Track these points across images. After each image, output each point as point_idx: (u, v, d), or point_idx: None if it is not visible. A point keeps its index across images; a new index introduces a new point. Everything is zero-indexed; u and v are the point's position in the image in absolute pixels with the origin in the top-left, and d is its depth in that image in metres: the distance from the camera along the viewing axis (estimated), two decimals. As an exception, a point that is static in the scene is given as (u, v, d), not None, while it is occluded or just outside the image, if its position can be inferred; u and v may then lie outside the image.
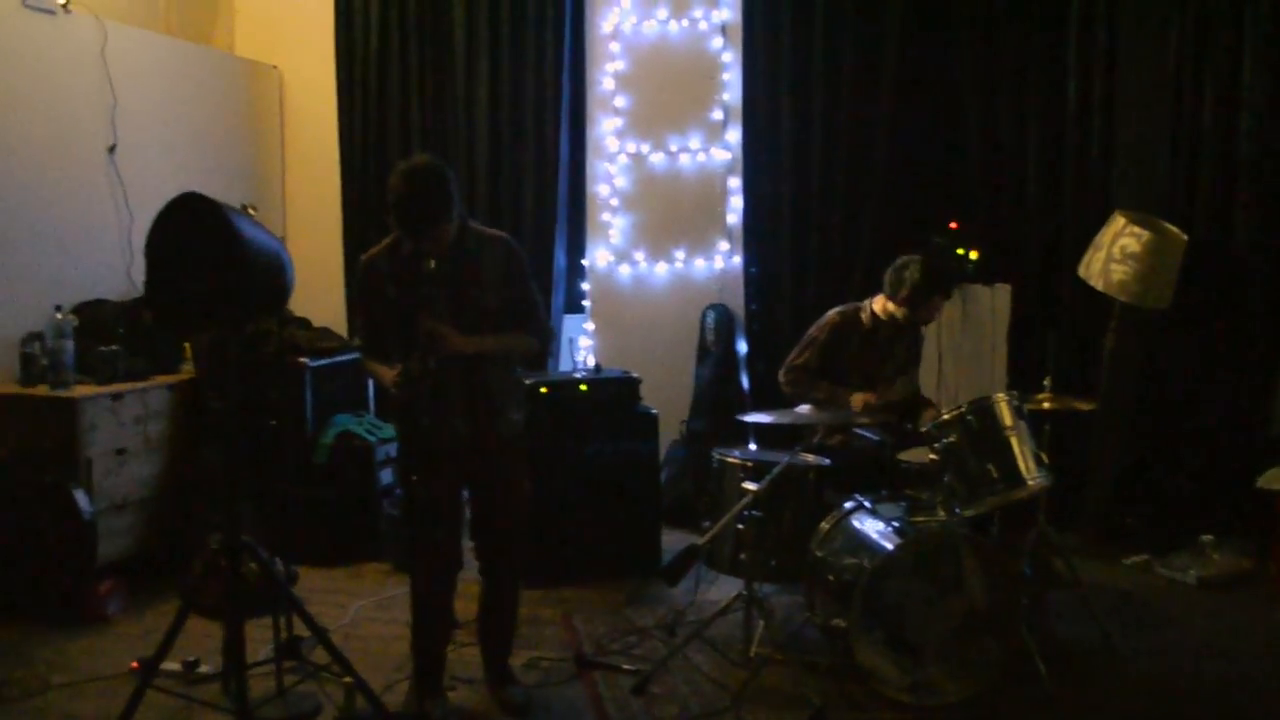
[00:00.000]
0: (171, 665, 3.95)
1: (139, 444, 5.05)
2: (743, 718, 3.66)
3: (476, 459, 3.65)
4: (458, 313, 3.52)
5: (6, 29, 5.00)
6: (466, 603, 3.98)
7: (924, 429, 4.12)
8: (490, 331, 3.60)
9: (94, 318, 5.22)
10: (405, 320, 3.46)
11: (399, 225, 3.43)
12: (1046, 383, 4.31)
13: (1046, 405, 4.25)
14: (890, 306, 4.78)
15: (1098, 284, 5.07)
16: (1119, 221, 5.04)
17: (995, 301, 5.80)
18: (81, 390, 4.81)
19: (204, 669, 4.05)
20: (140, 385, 5.09)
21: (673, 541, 5.36)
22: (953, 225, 5.71)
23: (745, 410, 4.67)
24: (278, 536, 4.98)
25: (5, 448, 4.68)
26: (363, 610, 4.78)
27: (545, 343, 3.88)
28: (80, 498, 4.62)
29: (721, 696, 3.82)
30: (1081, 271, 5.15)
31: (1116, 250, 5.00)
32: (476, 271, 3.58)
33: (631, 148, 6.39)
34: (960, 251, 5.66)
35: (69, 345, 4.84)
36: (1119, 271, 4.98)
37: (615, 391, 5.23)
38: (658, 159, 6.38)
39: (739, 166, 6.24)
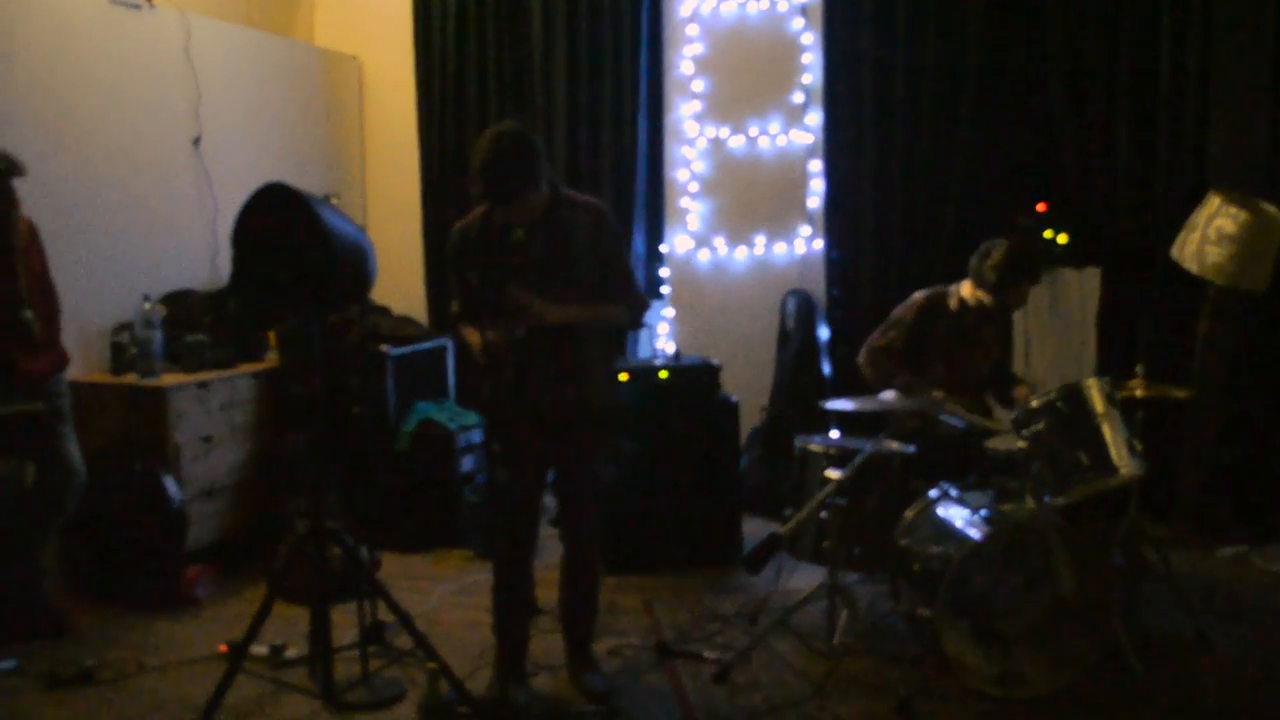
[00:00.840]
0: (259, 649, 4.02)
1: (225, 431, 5.16)
2: (826, 708, 3.64)
3: (566, 431, 3.63)
4: (547, 282, 3.48)
5: (94, 25, 5.12)
6: (548, 590, 4.00)
7: (1013, 416, 4.05)
8: (581, 301, 3.56)
9: (181, 307, 5.35)
10: (493, 290, 3.44)
11: (483, 192, 3.38)
12: (1139, 369, 4.22)
13: (1139, 392, 4.16)
14: (977, 292, 4.70)
15: (1192, 266, 4.93)
16: (1214, 202, 4.90)
17: (1085, 285, 5.69)
18: (170, 379, 4.93)
19: (290, 653, 4.12)
20: (226, 373, 5.20)
21: (753, 529, 5.35)
22: (1040, 207, 5.60)
23: (827, 397, 4.63)
24: (361, 523, 5.07)
25: (97, 436, 4.79)
26: (445, 596, 4.83)
27: (637, 312, 3.78)
28: (169, 485, 4.73)
29: (805, 686, 3.80)
30: (1175, 254, 5.02)
31: (1211, 231, 4.86)
32: (567, 240, 3.53)
33: (711, 132, 6.37)
34: (1048, 234, 5.55)
35: (157, 335, 4.95)
36: (1214, 253, 4.84)
37: (695, 379, 5.22)
38: (737, 143, 6.35)
39: (820, 150, 6.18)
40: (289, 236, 3.42)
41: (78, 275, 4.92)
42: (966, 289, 4.74)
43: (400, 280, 6.58)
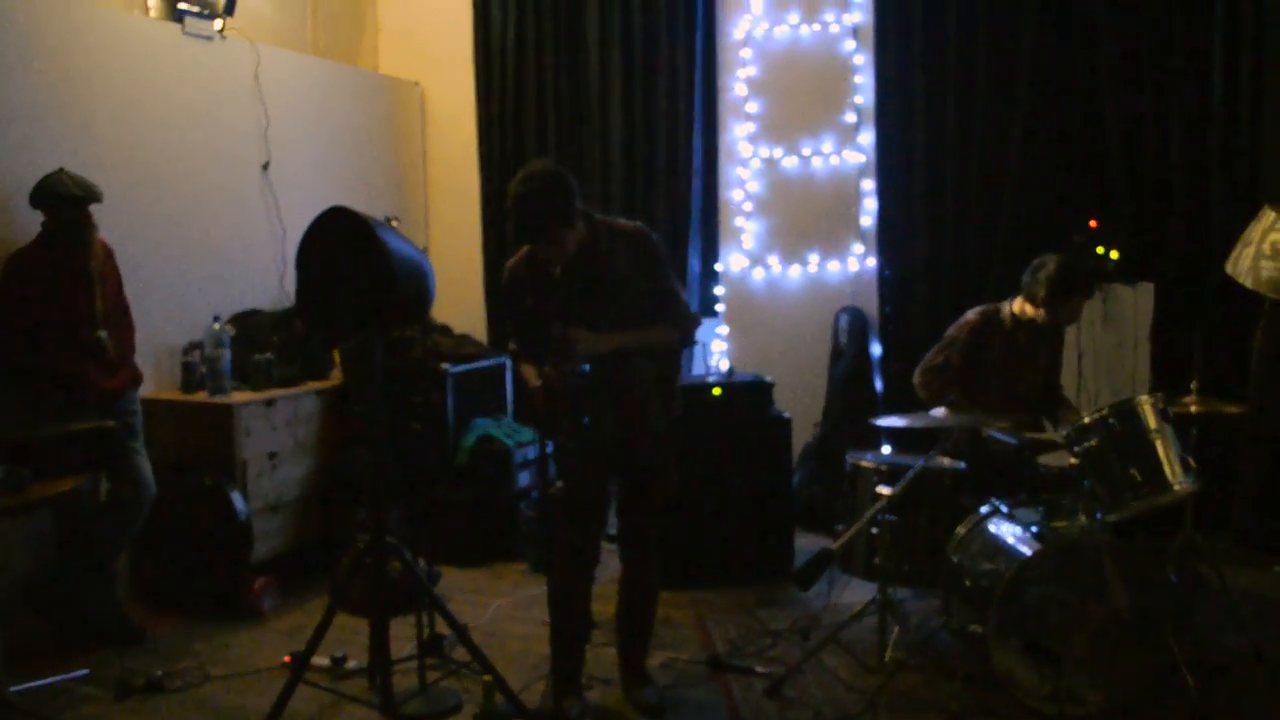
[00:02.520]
0: (321, 660, 4.07)
1: (290, 447, 5.24)
2: (878, 723, 3.61)
3: (627, 454, 3.65)
4: (593, 313, 3.50)
5: (168, 56, 5.24)
6: (604, 604, 4.01)
7: (1063, 433, 4.00)
8: (631, 326, 3.56)
9: (249, 327, 5.43)
10: (540, 327, 3.48)
11: (516, 233, 3.44)
12: (1193, 385, 4.15)
13: (1193, 408, 4.09)
14: (1029, 308, 4.65)
15: (1246, 281, 4.85)
16: (1269, 216, 4.81)
17: (1138, 301, 5.61)
18: (238, 397, 5.01)
19: (351, 664, 4.18)
20: (292, 391, 5.28)
21: (806, 545, 5.32)
22: (1093, 224, 5.53)
23: (879, 414, 4.61)
24: (421, 537, 5.12)
25: (167, 452, 4.89)
26: (502, 609, 4.86)
27: (686, 331, 3.77)
28: (236, 499, 4.80)
29: (856, 701, 3.77)
30: (1229, 268, 4.93)
31: (1266, 246, 4.77)
32: (608, 269, 3.54)
33: (764, 152, 6.37)
34: (1100, 250, 5.48)
35: (226, 354, 5.04)
36: (1269, 268, 4.75)
37: (748, 395, 5.21)
38: (790, 163, 6.35)
39: (872, 169, 6.17)
40: (351, 258, 3.47)
41: (151, 296, 5.03)
42: (1019, 305, 4.70)
43: (460, 300, 6.66)
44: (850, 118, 6.22)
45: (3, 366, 4.33)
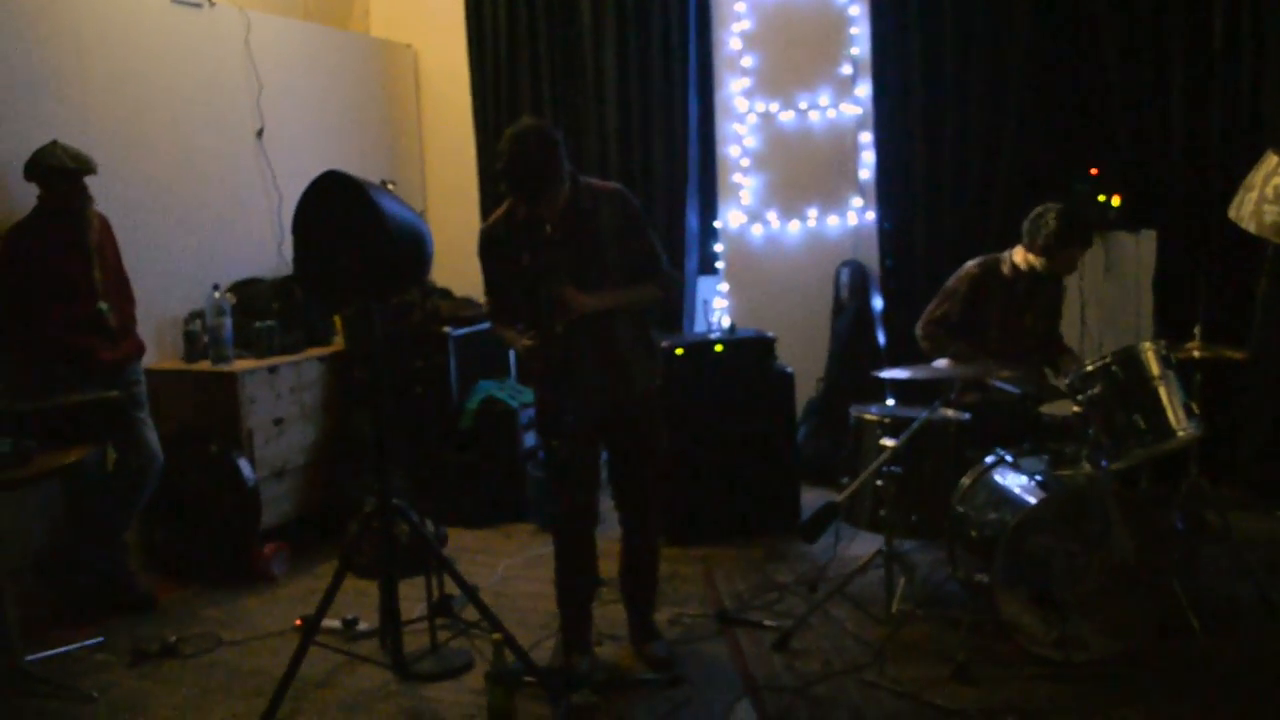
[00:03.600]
0: (332, 623, 4.10)
1: (295, 414, 5.24)
2: (885, 673, 3.62)
3: (613, 417, 3.66)
4: (580, 273, 3.49)
5: (158, 24, 5.19)
6: (610, 561, 4.03)
7: (1066, 381, 3.98)
8: (613, 285, 3.56)
9: (249, 295, 5.42)
10: (529, 288, 3.47)
11: (511, 191, 3.41)
12: (1196, 331, 4.14)
13: (1196, 354, 4.08)
14: (1029, 257, 4.63)
15: (1249, 226, 4.80)
16: (1272, 160, 4.76)
17: (1140, 249, 5.58)
18: (241, 364, 5.01)
19: (362, 626, 4.21)
20: (294, 358, 5.28)
21: (811, 499, 5.34)
22: (1093, 171, 5.50)
23: (882, 366, 4.60)
24: (428, 499, 5.13)
25: (173, 421, 4.90)
26: (510, 569, 4.88)
27: (670, 290, 3.77)
28: (244, 466, 4.82)
29: (863, 652, 3.79)
30: (1232, 214, 4.89)
31: (1270, 190, 4.72)
32: (595, 229, 3.54)
33: (761, 107, 6.32)
34: (1101, 198, 5.45)
35: (228, 322, 5.03)
36: (1272, 212, 4.70)
37: (751, 351, 5.20)
38: (787, 117, 6.29)
39: (870, 121, 6.11)
40: (348, 223, 3.45)
41: (149, 267, 5.01)
42: (1019, 255, 4.68)
43: (460, 262, 6.56)
44: (846, 70, 6.16)
45: (5, 341, 4.32)
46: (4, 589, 3.75)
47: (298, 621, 4.23)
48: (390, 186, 3.81)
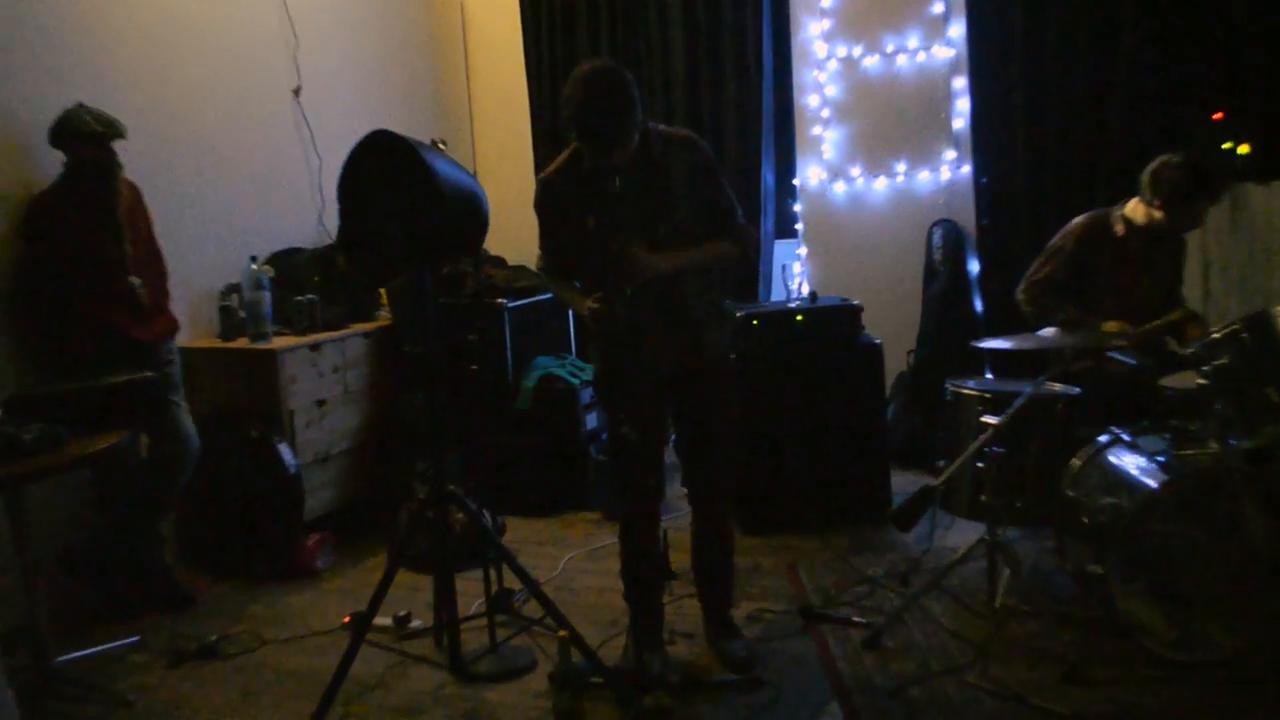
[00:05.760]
0: (383, 620, 4.15)
1: (339, 394, 5.32)
2: (988, 675, 3.59)
3: (682, 387, 3.66)
4: (650, 230, 3.48)
5: (187, -27, 5.25)
6: (682, 554, 4.04)
7: (1190, 349, 3.92)
8: (686, 244, 3.55)
9: (289, 267, 5.49)
10: (594, 247, 3.46)
11: (581, 139, 3.38)
12: (1336, 292, 4.05)
13: (1336, 318, 3.99)
14: (1151, 211, 4.54)
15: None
16: None
17: (1271, 202, 5.46)
18: (280, 342, 5.08)
19: (415, 624, 4.26)
20: (338, 334, 5.35)
21: (903, 483, 5.33)
22: (1217, 116, 5.39)
23: (979, 336, 4.56)
24: (484, 486, 5.17)
25: (209, 404, 4.98)
26: (574, 561, 4.92)
27: (748, 248, 3.76)
28: (285, 451, 4.89)
29: (964, 651, 3.78)
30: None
31: None
32: (666, 181, 3.51)
33: (842, 51, 6.27)
34: (1227, 145, 5.34)
35: (266, 297, 5.11)
36: None
37: (834, 321, 5.19)
38: (872, 62, 6.25)
39: (964, 65, 6.05)
40: (397, 187, 3.48)
41: (182, 238, 5.09)
42: (1135, 209, 4.60)
43: (514, 228, 6.60)
44: (938, 8, 6.10)
45: (31, 319, 4.42)
46: (34, 586, 3.83)
47: (346, 619, 4.29)
48: (441, 146, 3.82)
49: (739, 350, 4.95)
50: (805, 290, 5.42)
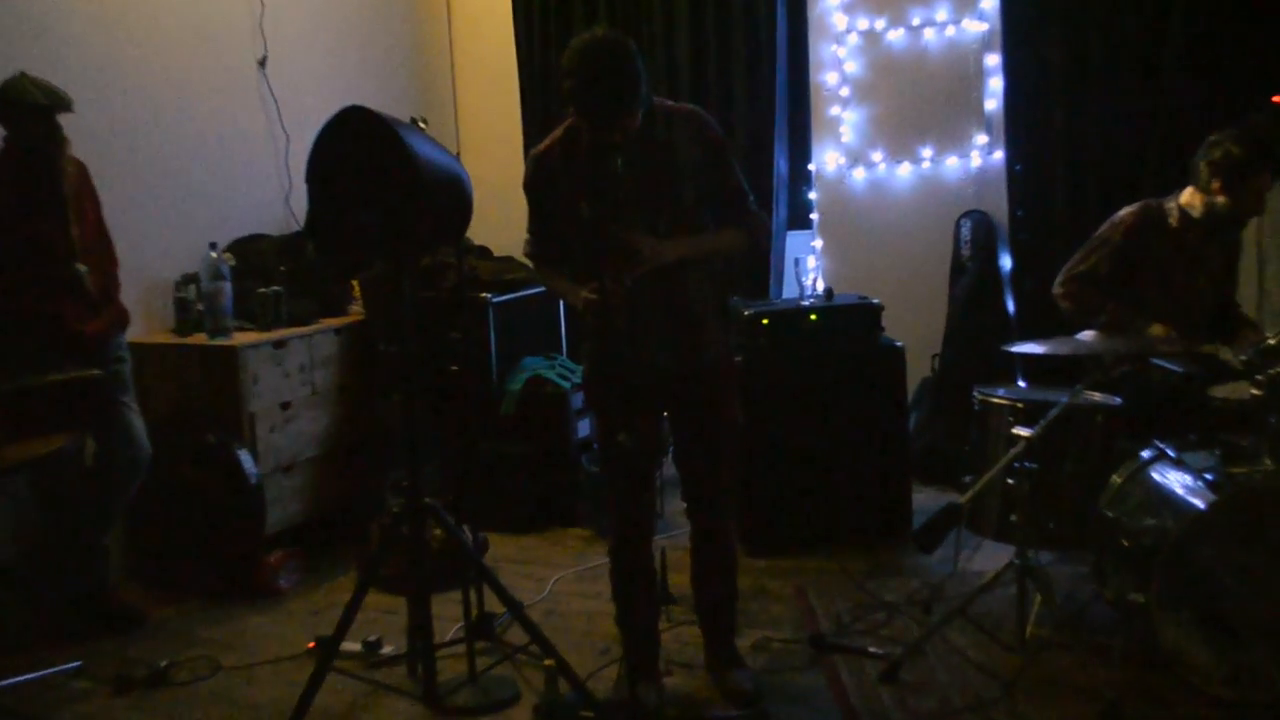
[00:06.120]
0: (351, 645, 4.15)
1: (306, 396, 5.31)
2: (1017, 713, 3.60)
3: (680, 391, 3.66)
4: (653, 214, 3.48)
5: (142, -69, 5.25)
6: (682, 577, 4.04)
7: (1243, 357, 3.92)
8: (691, 230, 3.55)
9: (251, 255, 5.49)
10: (591, 232, 3.42)
11: (581, 115, 3.36)
12: (1404, 295, 4.06)
13: (1405, 324, 4.00)
14: (1214, 197, 4.50)
15: None
16: None
17: (1333, 196, 5.48)
18: (241, 338, 5.07)
19: (387, 649, 4.24)
20: (305, 330, 5.35)
21: (925, 501, 5.34)
22: (1277, 98, 5.40)
23: (1011, 339, 4.56)
24: (464, 499, 5.16)
25: (162, 405, 4.97)
26: (562, 583, 4.92)
27: (758, 235, 3.77)
28: (245, 459, 4.88)
29: (990, 687, 3.77)
30: None
31: None
32: (671, 160, 3.51)
33: (864, 24, 6.29)
34: (1289, 127, 5.36)
35: (226, 288, 5.09)
36: None
37: (852, 321, 5.19)
38: (896, 36, 6.26)
39: (998, 40, 6.06)
40: (372, 168, 3.47)
41: (135, 222, 5.08)
42: (1190, 199, 4.59)
43: (499, 216, 6.62)
44: (970, -23, 6.12)
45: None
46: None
47: (311, 644, 4.29)
48: (422, 125, 3.82)
49: (745, 352, 4.95)
50: (820, 287, 5.43)
